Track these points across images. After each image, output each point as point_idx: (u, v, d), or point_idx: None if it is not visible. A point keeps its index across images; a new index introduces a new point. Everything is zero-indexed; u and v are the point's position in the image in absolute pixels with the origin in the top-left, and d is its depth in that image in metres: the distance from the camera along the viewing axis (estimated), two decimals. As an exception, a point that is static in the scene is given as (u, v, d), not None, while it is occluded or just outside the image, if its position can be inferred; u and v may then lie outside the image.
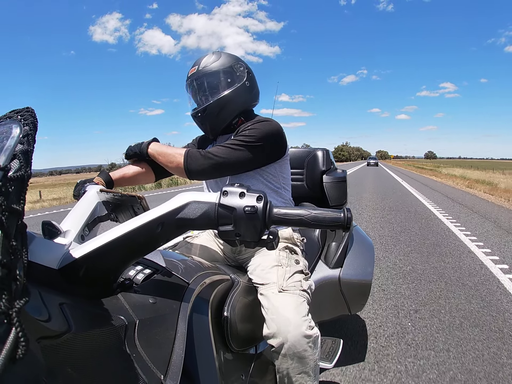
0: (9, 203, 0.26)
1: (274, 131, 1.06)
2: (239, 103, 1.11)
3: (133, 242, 0.50)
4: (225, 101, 1.08)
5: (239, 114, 1.13)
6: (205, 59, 1.11)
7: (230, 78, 1.10)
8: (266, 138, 1.04)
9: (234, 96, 1.09)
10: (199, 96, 1.13)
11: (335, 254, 1.40)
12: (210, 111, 1.09)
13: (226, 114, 1.11)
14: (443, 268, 3.00)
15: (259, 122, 1.05)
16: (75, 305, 0.42)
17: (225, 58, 1.11)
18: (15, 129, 0.33)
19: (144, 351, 0.46)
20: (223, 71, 1.09)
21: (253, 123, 1.06)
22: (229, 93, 1.09)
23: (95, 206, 0.76)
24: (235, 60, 1.12)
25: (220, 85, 1.09)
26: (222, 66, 1.09)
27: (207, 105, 1.09)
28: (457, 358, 1.65)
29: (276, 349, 0.86)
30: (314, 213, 0.53)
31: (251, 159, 1.03)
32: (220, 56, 1.12)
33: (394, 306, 2.27)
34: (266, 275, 0.98)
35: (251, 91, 1.15)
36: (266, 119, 1.09)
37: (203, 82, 1.10)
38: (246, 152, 1.02)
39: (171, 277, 0.65)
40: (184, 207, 0.52)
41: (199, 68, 1.10)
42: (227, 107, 1.09)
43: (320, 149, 1.73)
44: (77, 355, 0.36)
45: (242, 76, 1.12)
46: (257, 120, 1.08)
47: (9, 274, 0.24)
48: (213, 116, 1.10)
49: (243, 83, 1.11)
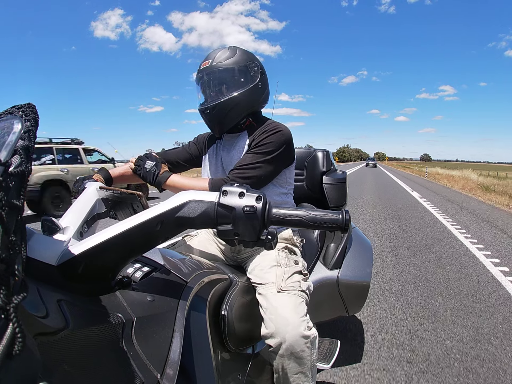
0: (9, 198, 0.26)
1: (287, 140, 1.06)
2: (249, 104, 1.09)
3: (132, 240, 0.50)
4: (236, 101, 1.06)
5: (248, 115, 1.11)
6: (220, 54, 1.07)
7: (244, 78, 1.07)
8: (283, 150, 1.04)
9: (245, 97, 1.07)
10: (210, 91, 1.09)
11: (333, 255, 1.40)
12: (219, 109, 1.06)
13: (235, 114, 1.08)
14: (390, 200, 7.37)
15: (273, 134, 1.04)
16: (73, 302, 0.41)
17: (241, 56, 1.08)
18: (16, 124, 0.32)
19: (141, 349, 0.46)
20: (237, 70, 1.06)
21: (268, 133, 1.04)
22: (241, 93, 1.06)
23: (94, 203, 0.76)
24: (250, 59, 1.09)
25: (233, 83, 1.06)
26: (237, 64, 1.06)
27: (217, 103, 1.06)
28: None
29: (274, 349, 0.86)
30: (313, 214, 0.53)
31: (272, 171, 1.04)
32: (235, 52, 1.08)
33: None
34: (265, 275, 0.98)
35: (263, 92, 1.12)
36: (278, 128, 1.06)
37: (216, 78, 1.07)
38: (267, 166, 1.01)
39: (170, 275, 0.65)
40: (184, 205, 0.52)
41: (213, 62, 1.06)
42: (237, 107, 1.07)
43: (320, 150, 1.73)
44: (74, 352, 0.36)
45: (255, 76, 1.09)
46: (270, 129, 1.05)
47: (7, 269, 0.24)
48: (222, 115, 1.07)
49: (256, 84, 1.08)
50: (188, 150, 1.25)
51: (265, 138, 1.03)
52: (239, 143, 1.12)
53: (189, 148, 1.25)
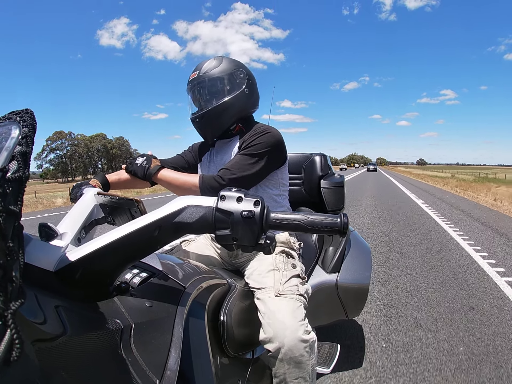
0: (6, 204, 0.26)
1: (277, 141, 1.08)
2: (237, 110, 1.11)
3: (130, 246, 0.50)
4: (223, 107, 1.08)
5: (237, 120, 1.13)
6: (206, 64, 1.11)
7: (230, 85, 1.10)
8: (272, 150, 1.05)
9: (232, 103, 1.09)
10: (199, 101, 1.13)
11: (332, 259, 1.39)
12: (208, 117, 1.09)
13: (224, 120, 1.11)
14: (377, 181, 18.42)
15: (263, 135, 1.06)
16: (71, 308, 0.41)
17: (226, 65, 1.11)
18: (14, 130, 0.33)
19: (140, 355, 0.46)
20: (223, 78, 1.09)
21: (257, 135, 1.06)
22: (228, 100, 1.08)
23: (92, 209, 0.76)
24: (235, 67, 1.12)
25: (219, 91, 1.09)
26: (222, 72, 1.09)
27: (205, 111, 1.09)
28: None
29: (273, 353, 0.86)
30: (311, 218, 0.53)
31: (260, 172, 1.04)
32: (221, 62, 1.11)
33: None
34: (262, 279, 0.97)
35: (250, 98, 1.15)
36: (267, 130, 1.08)
37: (203, 88, 1.10)
38: (255, 166, 1.02)
39: (168, 281, 0.64)
40: (182, 211, 0.52)
41: (200, 73, 1.10)
42: (225, 114, 1.10)
43: (317, 154, 1.73)
44: (72, 359, 0.36)
45: (241, 83, 1.11)
46: (260, 132, 1.07)
47: (5, 276, 0.24)
48: (211, 122, 1.10)
49: (242, 90, 1.11)
50: (184, 157, 1.27)
51: (255, 139, 1.05)
52: (230, 148, 1.14)
53: (185, 156, 1.27)
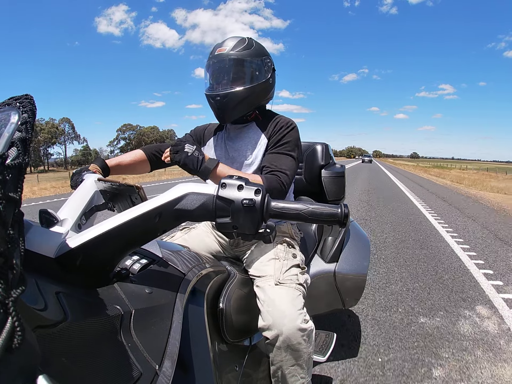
0: (6, 191, 0.26)
1: (299, 136, 1.09)
2: (259, 98, 1.09)
3: (130, 232, 0.50)
4: (248, 93, 1.05)
5: (255, 108, 1.11)
6: (237, 43, 1.05)
7: (259, 71, 1.06)
8: (299, 146, 1.08)
9: (257, 90, 1.06)
10: (222, 79, 1.07)
11: (331, 249, 1.40)
12: (230, 98, 1.04)
13: (245, 105, 1.07)
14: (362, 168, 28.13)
15: (291, 130, 1.06)
16: (71, 294, 0.41)
17: (258, 49, 1.07)
18: (13, 116, 0.32)
19: (140, 341, 0.46)
20: (254, 63, 1.06)
21: (285, 130, 1.06)
22: (255, 86, 1.05)
23: (92, 195, 0.75)
24: (265, 54, 1.09)
25: (248, 75, 1.05)
26: (254, 57, 1.05)
27: (229, 91, 1.04)
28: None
29: (271, 341, 0.87)
30: (312, 208, 0.53)
31: (297, 167, 1.07)
32: (252, 45, 1.07)
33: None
34: (263, 267, 0.98)
35: (272, 88, 1.13)
36: (290, 124, 1.08)
37: (231, 66, 1.05)
38: (296, 163, 1.05)
39: (168, 268, 0.65)
40: (182, 198, 0.52)
41: (229, 50, 1.04)
42: (248, 99, 1.06)
43: (319, 143, 1.71)
44: (73, 344, 0.37)
45: (268, 71, 1.09)
46: (286, 126, 1.07)
47: (5, 263, 0.24)
48: (232, 105, 1.05)
49: (268, 79, 1.08)
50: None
51: (285, 135, 1.05)
52: (248, 135, 1.11)
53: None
